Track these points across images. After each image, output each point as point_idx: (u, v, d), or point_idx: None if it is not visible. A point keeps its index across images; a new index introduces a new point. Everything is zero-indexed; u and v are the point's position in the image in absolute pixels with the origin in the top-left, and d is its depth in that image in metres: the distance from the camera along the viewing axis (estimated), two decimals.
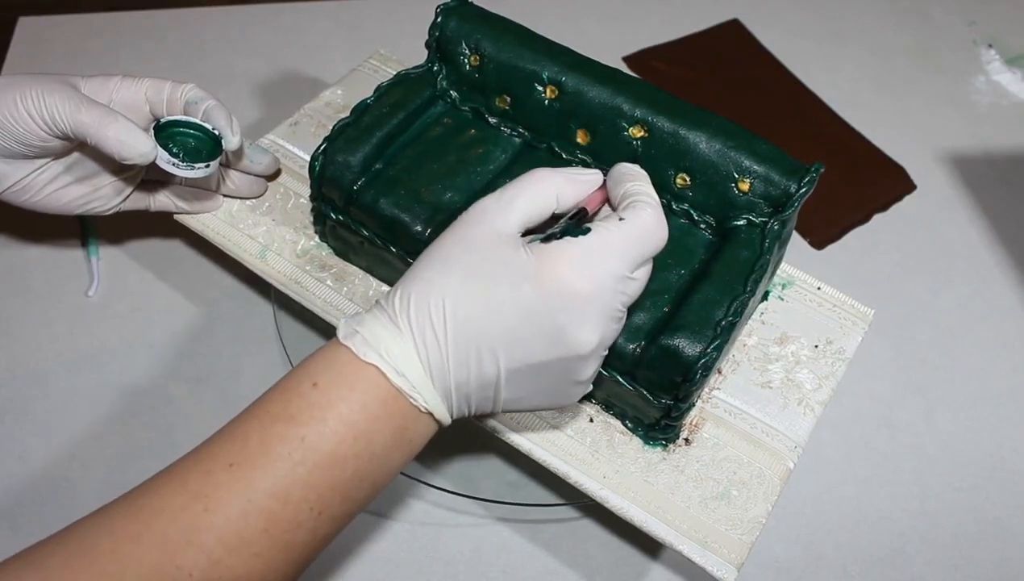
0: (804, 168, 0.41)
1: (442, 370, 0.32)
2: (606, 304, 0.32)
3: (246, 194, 0.51)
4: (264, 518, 0.30)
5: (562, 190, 0.34)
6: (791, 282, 0.48)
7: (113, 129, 0.42)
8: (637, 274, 0.33)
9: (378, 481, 0.34)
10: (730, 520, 0.40)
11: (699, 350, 0.37)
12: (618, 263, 0.32)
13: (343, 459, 0.32)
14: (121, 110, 0.46)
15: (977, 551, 0.48)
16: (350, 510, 0.33)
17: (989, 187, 0.67)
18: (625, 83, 0.44)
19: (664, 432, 0.41)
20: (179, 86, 0.46)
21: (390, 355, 0.32)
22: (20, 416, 0.51)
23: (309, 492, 0.31)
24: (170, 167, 0.44)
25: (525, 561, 0.47)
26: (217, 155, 0.45)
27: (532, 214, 0.33)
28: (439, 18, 0.47)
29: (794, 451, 0.42)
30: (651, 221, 0.33)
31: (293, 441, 0.31)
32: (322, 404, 0.32)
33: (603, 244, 0.32)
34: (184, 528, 0.30)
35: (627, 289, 0.33)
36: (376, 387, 0.32)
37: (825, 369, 0.45)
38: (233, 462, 0.31)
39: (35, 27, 0.74)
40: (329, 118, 0.56)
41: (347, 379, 0.32)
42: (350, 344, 0.32)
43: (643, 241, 0.33)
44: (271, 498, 0.31)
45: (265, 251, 0.49)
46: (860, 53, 0.77)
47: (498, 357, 0.32)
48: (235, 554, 0.30)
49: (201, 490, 0.30)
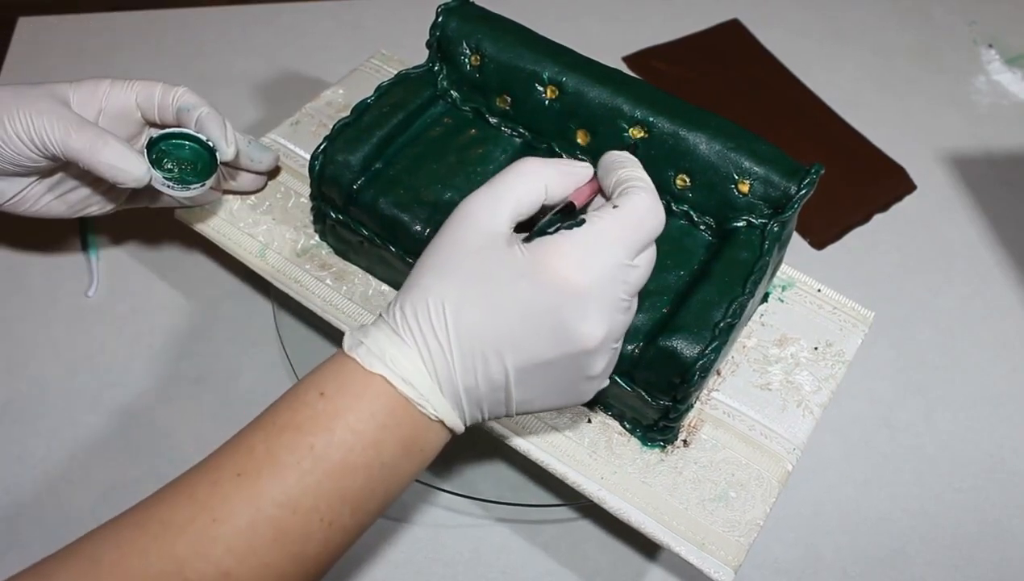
0: (804, 170, 0.40)
1: (449, 377, 0.32)
2: (608, 295, 0.31)
3: (247, 189, 0.51)
4: (273, 528, 0.30)
5: (551, 182, 0.33)
6: (791, 284, 0.48)
7: (105, 155, 0.42)
8: (638, 261, 0.32)
9: (389, 491, 0.33)
10: (728, 522, 0.40)
11: (697, 351, 0.37)
12: (616, 252, 0.31)
13: (352, 468, 0.31)
14: (112, 118, 0.45)
15: (977, 552, 0.48)
16: (362, 521, 0.33)
17: (989, 187, 0.67)
18: (625, 84, 0.43)
19: (662, 433, 0.41)
20: (170, 90, 0.45)
21: (395, 365, 0.32)
22: (20, 416, 0.51)
23: (318, 502, 0.31)
24: (165, 189, 0.43)
25: (524, 562, 0.47)
26: (213, 169, 0.45)
27: (522, 208, 0.33)
28: (440, 18, 0.47)
29: (793, 453, 0.42)
30: (646, 205, 0.32)
31: (301, 450, 0.31)
32: (329, 413, 0.31)
33: (598, 234, 0.31)
34: (192, 540, 0.29)
35: (629, 277, 0.32)
36: (383, 396, 0.32)
37: (825, 371, 0.45)
38: (240, 472, 0.31)
39: (35, 27, 0.74)
40: (330, 117, 0.56)
41: (354, 389, 0.32)
42: (355, 355, 0.32)
43: (639, 226, 0.32)
44: (280, 507, 0.30)
45: (265, 250, 0.49)
46: (861, 53, 0.77)
47: (504, 359, 0.32)
48: (244, 564, 0.30)
49: (208, 501, 0.30)
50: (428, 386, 0.32)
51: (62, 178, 0.47)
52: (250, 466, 0.31)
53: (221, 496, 0.30)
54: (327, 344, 0.53)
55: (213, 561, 0.29)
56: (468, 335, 0.31)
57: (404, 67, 0.58)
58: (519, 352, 0.32)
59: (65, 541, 0.33)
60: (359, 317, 0.46)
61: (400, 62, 0.60)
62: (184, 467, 0.36)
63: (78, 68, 0.71)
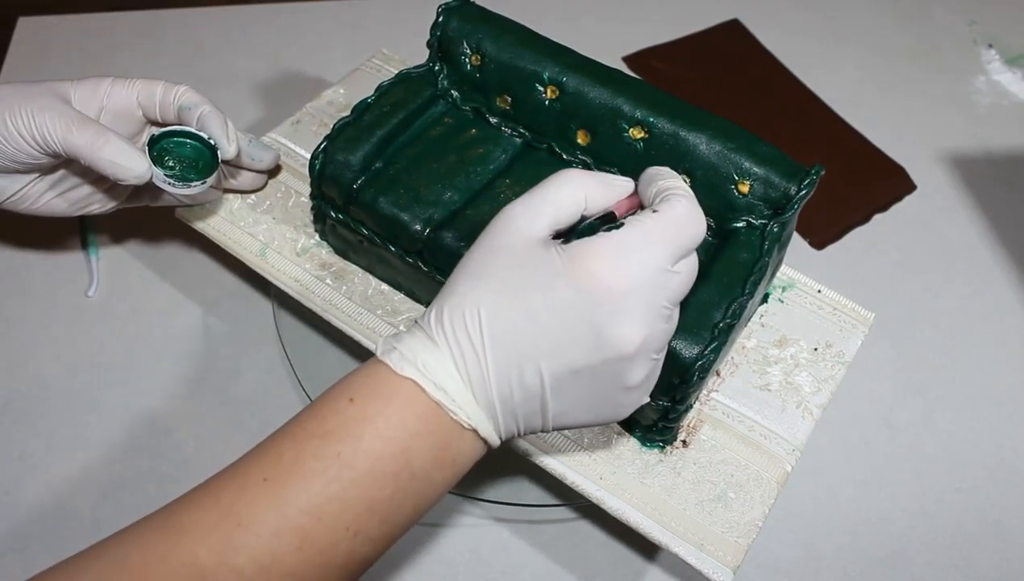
0: (804, 170, 0.40)
1: (483, 383, 0.31)
2: (646, 299, 0.31)
3: (248, 188, 0.51)
4: (298, 536, 0.29)
5: (591, 192, 0.33)
6: (791, 285, 0.48)
7: (107, 151, 0.42)
8: (679, 267, 0.32)
9: (419, 503, 0.32)
10: (727, 523, 0.40)
11: (696, 352, 0.37)
12: (655, 256, 0.31)
13: (381, 477, 0.31)
14: (113, 116, 0.45)
15: (977, 552, 0.48)
16: (390, 533, 0.32)
17: (989, 187, 0.67)
18: (625, 84, 0.43)
19: (661, 434, 0.41)
20: (172, 89, 0.46)
21: (427, 369, 0.31)
22: (20, 416, 0.51)
23: (345, 511, 0.30)
24: (166, 186, 0.43)
25: (524, 562, 0.47)
26: (215, 167, 0.45)
27: (561, 216, 0.32)
28: (440, 18, 0.47)
29: (792, 454, 0.42)
30: (686, 212, 0.31)
31: (328, 457, 0.30)
32: (358, 419, 0.31)
33: (637, 237, 0.30)
34: (215, 547, 0.29)
35: (669, 283, 0.31)
36: (414, 402, 0.31)
37: (824, 372, 0.45)
38: (267, 477, 0.30)
39: (35, 27, 0.74)
40: (331, 117, 0.56)
41: (384, 394, 0.31)
42: (387, 360, 0.32)
43: (679, 232, 0.31)
44: (306, 515, 0.30)
45: (265, 249, 0.49)
46: (860, 53, 0.77)
47: (540, 365, 0.31)
48: (268, 573, 0.29)
49: (234, 507, 0.30)
50: (461, 392, 0.31)
51: (63, 175, 0.48)
52: (277, 472, 0.30)
53: (246, 501, 0.30)
54: (327, 344, 0.53)
55: (235, 569, 0.29)
56: (503, 341, 0.31)
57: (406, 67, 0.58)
58: (555, 358, 0.31)
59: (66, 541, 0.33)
60: (359, 316, 0.46)
61: (402, 62, 0.60)
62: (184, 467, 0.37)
63: (78, 68, 0.71)
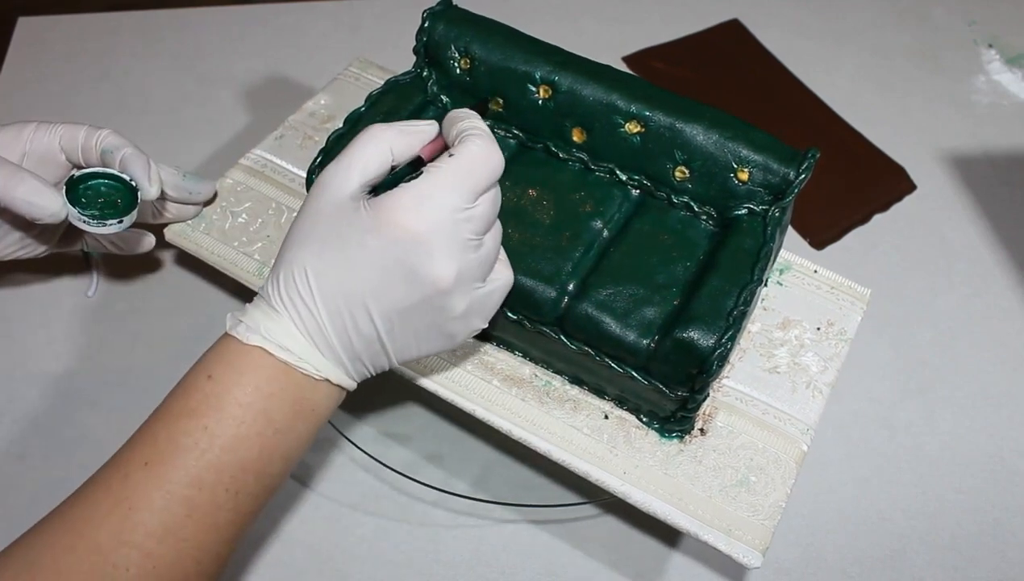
0: (801, 154, 0.41)
1: (323, 336, 0.34)
2: (450, 237, 0.33)
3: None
4: (185, 506, 0.33)
5: (395, 144, 0.35)
6: (788, 267, 0.49)
7: (21, 190, 0.41)
8: (479, 201, 0.34)
9: (289, 454, 0.36)
10: (751, 506, 0.40)
11: (714, 341, 0.38)
12: (452, 197, 0.33)
13: (247, 439, 0.34)
14: (37, 160, 0.45)
15: (977, 552, 0.48)
16: (268, 484, 0.36)
17: (989, 187, 0.67)
18: (619, 79, 0.44)
19: (680, 424, 0.42)
20: (95, 133, 0.46)
21: (271, 334, 0.34)
22: (20, 416, 0.51)
23: (222, 475, 0.34)
24: (81, 224, 0.43)
25: (524, 562, 0.47)
26: (134, 207, 0.44)
27: (369, 172, 0.34)
28: (426, 23, 0.46)
29: (807, 434, 0.43)
30: (480, 150, 0.34)
31: (197, 432, 0.33)
32: (218, 393, 0.34)
33: (434, 182, 0.33)
34: (113, 530, 0.32)
35: (472, 217, 0.34)
36: (264, 366, 0.34)
37: (829, 350, 0.46)
38: (148, 460, 0.33)
39: (35, 27, 0.74)
40: (315, 129, 0.55)
41: (236, 365, 0.34)
42: (235, 333, 0.35)
43: (475, 171, 0.34)
44: (188, 487, 0.33)
45: (263, 268, 0.49)
46: (860, 53, 0.77)
47: (369, 311, 0.34)
48: (165, 543, 0.32)
49: (123, 492, 0.33)
50: (304, 348, 0.34)
51: None
52: (155, 455, 0.33)
53: (132, 486, 0.33)
54: None
55: (135, 545, 0.32)
56: (331, 295, 0.34)
57: (383, 72, 0.58)
58: (380, 303, 0.34)
59: None
60: None
61: (379, 68, 0.60)
62: None
63: (78, 68, 0.71)
